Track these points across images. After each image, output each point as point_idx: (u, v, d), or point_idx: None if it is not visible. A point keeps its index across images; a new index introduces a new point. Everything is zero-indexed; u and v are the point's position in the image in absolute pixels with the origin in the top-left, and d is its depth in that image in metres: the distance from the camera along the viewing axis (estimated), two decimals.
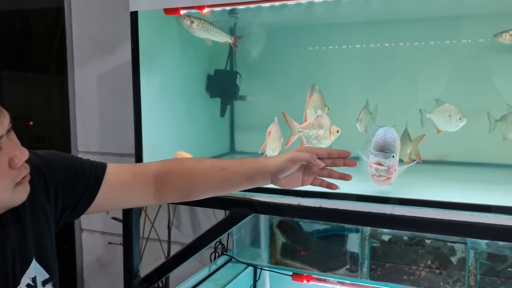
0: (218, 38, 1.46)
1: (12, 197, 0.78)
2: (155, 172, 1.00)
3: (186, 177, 1.01)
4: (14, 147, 0.77)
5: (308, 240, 1.75)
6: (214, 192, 1.05)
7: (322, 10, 1.40)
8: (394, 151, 1.08)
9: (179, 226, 2.19)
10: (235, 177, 1.00)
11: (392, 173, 1.08)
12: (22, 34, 2.74)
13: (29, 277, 0.84)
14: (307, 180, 1.00)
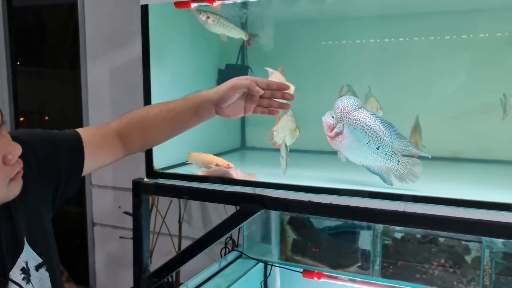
0: (233, 34, 1.45)
1: (6, 192, 0.79)
2: (116, 130, 1.05)
3: (141, 128, 1.07)
4: (7, 143, 0.77)
5: (319, 237, 1.73)
6: (169, 134, 1.10)
7: (335, 3, 1.38)
8: (336, 113, 1.14)
9: (190, 221, 2.19)
10: (183, 115, 1.05)
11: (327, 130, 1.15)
12: (37, 30, 2.77)
13: (23, 260, 0.85)
14: (249, 108, 1.05)
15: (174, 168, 1.42)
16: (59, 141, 0.96)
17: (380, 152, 1.12)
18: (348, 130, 1.13)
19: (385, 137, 1.10)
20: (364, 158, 1.14)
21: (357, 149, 1.14)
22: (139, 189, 1.33)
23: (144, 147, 1.12)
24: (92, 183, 2.43)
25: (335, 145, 1.18)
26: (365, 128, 1.11)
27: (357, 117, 1.12)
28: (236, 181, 1.24)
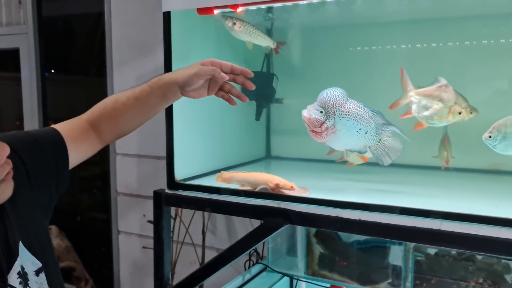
0: (260, 42, 1.41)
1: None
2: (89, 122, 1.06)
3: (112, 118, 1.07)
4: None
5: (347, 251, 1.66)
6: (139, 120, 1.10)
7: (364, 8, 1.31)
8: (324, 107, 1.09)
9: (214, 231, 2.15)
10: (150, 100, 1.05)
11: (315, 127, 1.10)
12: (65, 38, 2.80)
13: (19, 265, 0.84)
14: (212, 91, 1.06)
15: (196, 179, 1.38)
16: (41, 140, 0.95)
17: (367, 135, 1.12)
18: (340, 122, 1.10)
19: (372, 121, 1.12)
20: (350, 143, 1.13)
21: (346, 138, 1.12)
22: (160, 200, 1.29)
23: (118, 135, 1.11)
24: (117, 191, 2.43)
25: (319, 139, 1.13)
26: (357, 117, 1.10)
27: (349, 109, 1.09)
28: (259, 193, 1.19)
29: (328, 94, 1.10)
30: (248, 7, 1.19)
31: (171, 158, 1.29)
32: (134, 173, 2.36)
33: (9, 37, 2.74)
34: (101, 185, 2.66)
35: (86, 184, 2.83)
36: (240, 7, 1.18)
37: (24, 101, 2.74)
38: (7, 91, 3.03)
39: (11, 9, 2.77)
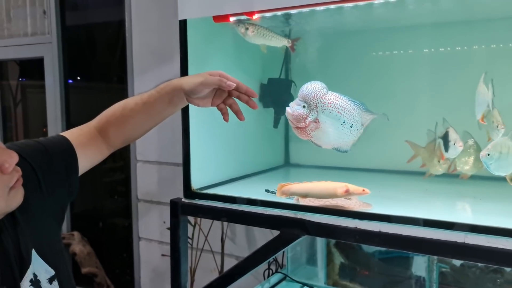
0: (274, 43, 1.39)
1: (8, 202, 0.79)
2: (97, 129, 1.07)
3: (120, 124, 1.08)
4: (2, 152, 0.77)
5: (368, 261, 1.62)
6: (147, 126, 1.11)
7: (384, 12, 1.28)
8: (306, 101, 1.08)
9: (233, 238, 2.13)
10: (158, 106, 1.06)
11: (299, 122, 1.08)
12: (88, 46, 2.85)
13: (32, 272, 0.85)
14: (215, 102, 1.06)
15: (213, 187, 1.37)
16: (51, 148, 0.96)
17: (353, 129, 1.10)
18: (323, 115, 1.08)
19: (356, 114, 1.10)
20: (337, 139, 1.11)
21: (332, 132, 1.10)
22: (176, 209, 1.28)
23: (126, 141, 1.12)
24: (138, 198, 2.44)
25: (305, 136, 1.12)
26: (340, 109, 1.08)
27: (330, 100, 1.08)
28: (276, 203, 1.17)
29: (308, 87, 1.09)
30: (265, 14, 1.17)
31: (187, 167, 1.28)
32: (154, 179, 2.37)
33: (34, 46, 2.80)
34: (123, 191, 2.69)
35: (108, 190, 2.86)
36: (256, 14, 1.16)
37: (48, 108, 2.79)
38: (33, 98, 3.10)
39: (36, 19, 2.83)
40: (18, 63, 3.11)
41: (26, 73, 3.14)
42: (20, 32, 2.91)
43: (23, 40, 2.87)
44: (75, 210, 2.82)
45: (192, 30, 1.28)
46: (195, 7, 1.22)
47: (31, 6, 2.83)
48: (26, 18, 2.86)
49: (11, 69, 3.13)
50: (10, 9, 2.93)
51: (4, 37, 2.97)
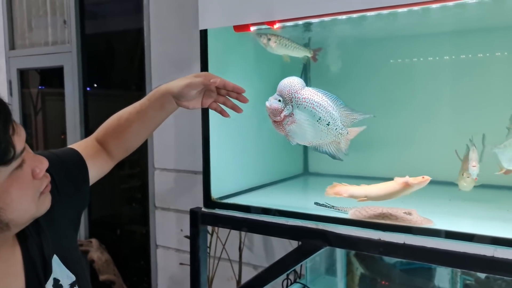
0: (296, 53, 1.39)
1: (38, 206, 0.81)
2: (98, 141, 1.11)
3: (118, 135, 1.11)
4: (34, 158, 0.80)
5: (389, 272, 1.59)
6: (144, 134, 1.14)
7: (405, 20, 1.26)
8: (282, 95, 1.09)
9: (251, 247, 2.12)
10: (151, 113, 1.08)
11: (275, 116, 1.10)
12: (107, 55, 2.88)
13: (53, 277, 0.87)
14: (206, 103, 1.08)
15: (233, 197, 1.36)
16: (64, 158, 0.99)
17: (330, 127, 1.09)
18: (298, 110, 1.08)
19: (334, 112, 1.08)
20: (315, 136, 1.10)
21: (308, 129, 1.09)
22: (196, 219, 1.28)
23: (127, 151, 1.14)
24: (155, 205, 2.45)
25: (282, 130, 1.12)
26: (315, 105, 1.07)
27: (305, 95, 1.08)
28: (297, 214, 1.15)
29: (284, 82, 1.10)
30: (285, 23, 1.17)
31: (207, 177, 1.28)
32: (171, 187, 2.38)
33: (54, 55, 2.84)
34: (140, 198, 2.70)
35: (126, 197, 2.87)
36: (277, 23, 1.16)
37: (67, 115, 2.83)
38: (53, 106, 3.14)
39: (57, 29, 2.87)
40: (39, 72, 3.16)
41: (46, 81, 3.19)
42: (41, 41, 2.96)
43: (43, 50, 2.91)
44: (93, 217, 2.84)
45: (212, 40, 1.28)
46: (215, 17, 1.23)
47: (52, 15, 2.88)
48: (47, 28, 2.91)
49: (31, 77, 3.19)
50: (31, 18, 2.99)
51: (25, 46, 3.02)
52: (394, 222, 1.05)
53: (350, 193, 1.11)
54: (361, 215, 1.10)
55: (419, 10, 1.05)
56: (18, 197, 0.77)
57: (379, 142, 1.60)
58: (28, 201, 0.79)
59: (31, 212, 0.80)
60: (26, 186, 0.78)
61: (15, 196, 0.76)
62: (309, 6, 1.08)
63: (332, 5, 1.05)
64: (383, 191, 1.07)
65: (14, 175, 0.76)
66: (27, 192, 0.78)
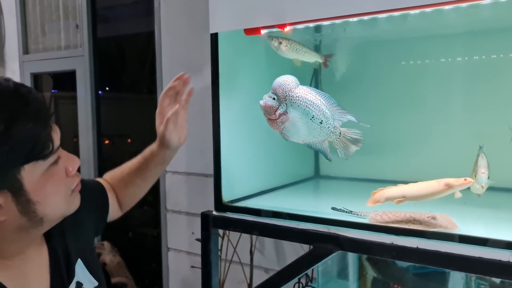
0: (307, 58, 1.39)
1: (68, 204, 0.85)
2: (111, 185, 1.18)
3: (122, 189, 1.17)
4: (67, 156, 0.84)
5: (402, 276, 1.58)
6: (147, 185, 1.21)
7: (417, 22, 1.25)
8: (276, 94, 1.11)
9: (262, 250, 2.11)
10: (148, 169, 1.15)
11: (269, 114, 1.11)
12: (118, 58, 2.90)
13: (75, 281, 0.90)
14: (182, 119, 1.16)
15: (244, 200, 1.36)
16: (89, 186, 1.05)
17: (323, 126, 1.10)
18: (292, 108, 1.10)
19: (327, 110, 1.10)
20: (308, 135, 1.12)
21: (301, 127, 1.11)
22: (207, 222, 1.28)
23: (132, 200, 1.21)
24: (166, 208, 2.46)
25: (276, 128, 1.14)
26: (308, 103, 1.09)
27: (299, 94, 1.09)
28: (308, 217, 1.14)
29: (278, 81, 1.11)
30: (296, 26, 1.16)
31: (218, 180, 1.28)
32: (183, 190, 2.38)
33: (67, 59, 2.87)
34: (151, 201, 2.71)
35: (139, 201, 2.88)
36: (287, 26, 1.15)
37: (79, 118, 2.85)
38: (65, 109, 3.17)
39: (69, 33, 2.90)
40: (52, 76, 3.20)
41: (59, 85, 3.22)
42: (54, 46, 2.99)
43: (56, 54, 2.95)
44: None
45: (223, 43, 1.28)
46: (226, 20, 1.23)
47: (65, 20, 2.91)
48: (60, 32, 2.94)
49: (45, 81, 3.22)
50: (44, 23, 3.02)
51: (39, 50, 3.06)
52: (418, 227, 1.02)
53: (386, 197, 1.07)
54: (382, 219, 1.08)
55: (431, 12, 1.03)
56: (53, 193, 0.80)
57: (390, 144, 1.59)
58: (61, 197, 0.82)
59: (63, 209, 0.83)
60: (60, 182, 0.81)
61: (50, 191, 0.79)
62: (319, 9, 1.07)
63: (342, 8, 1.05)
64: (422, 191, 1.04)
65: (49, 171, 0.78)
66: (60, 188, 0.81)
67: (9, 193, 0.74)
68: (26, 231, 0.80)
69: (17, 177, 0.74)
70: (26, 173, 0.75)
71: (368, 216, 1.11)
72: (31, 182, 0.76)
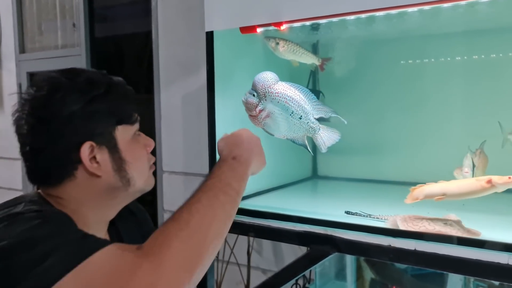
0: (304, 60, 1.39)
1: (148, 177, 0.91)
2: None
3: None
4: (145, 136, 0.92)
5: (400, 277, 1.56)
6: None
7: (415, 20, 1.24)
8: (256, 90, 1.12)
9: (260, 251, 2.10)
10: None
11: (250, 110, 1.12)
12: (116, 58, 2.89)
13: None
14: None
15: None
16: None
17: (303, 121, 1.12)
18: (272, 104, 1.10)
19: (306, 106, 1.11)
20: (289, 130, 1.14)
21: (282, 122, 1.12)
22: None
23: None
24: (164, 208, 2.44)
25: (258, 124, 1.15)
26: (287, 99, 1.10)
27: (278, 90, 1.10)
28: (305, 219, 1.13)
29: (258, 77, 1.12)
30: (292, 24, 1.15)
31: None
32: (180, 190, 2.37)
33: (64, 59, 2.85)
34: (149, 200, 2.69)
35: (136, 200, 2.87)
36: (283, 24, 1.14)
37: None
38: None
39: (66, 32, 2.89)
40: None
41: None
42: (50, 45, 2.97)
43: (53, 53, 2.93)
44: None
45: (218, 42, 1.26)
46: (222, 18, 1.21)
47: (62, 19, 2.89)
48: (57, 31, 2.92)
49: None
50: (41, 22, 3.01)
51: (35, 49, 3.04)
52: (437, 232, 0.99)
53: (425, 194, 1.04)
54: (402, 225, 1.03)
55: (430, 10, 1.02)
56: (139, 156, 0.88)
57: (388, 145, 1.57)
58: (145, 164, 0.89)
59: (145, 176, 0.89)
60: (143, 151, 0.89)
61: (137, 155, 0.87)
62: (315, 7, 1.06)
63: (339, 6, 1.03)
64: (463, 189, 1.00)
65: (135, 138, 0.88)
66: (144, 156, 0.89)
67: (106, 150, 0.82)
68: (113, 194, 0.86)
69: (113, 135, 0.83)
70: (119, 133, 0.84)
71: (388, 219, 1.07)
72: (123, 142, 0.84)
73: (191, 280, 0.70)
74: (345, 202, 1.21)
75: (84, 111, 0.79)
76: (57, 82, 0.80)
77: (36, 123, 0.79)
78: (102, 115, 0.82)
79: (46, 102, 0.79)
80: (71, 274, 0.63)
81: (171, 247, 0.70)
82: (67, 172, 0.80)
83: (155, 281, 0.65)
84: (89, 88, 0.82)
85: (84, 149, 0.79)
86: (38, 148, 0.79)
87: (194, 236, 0.73)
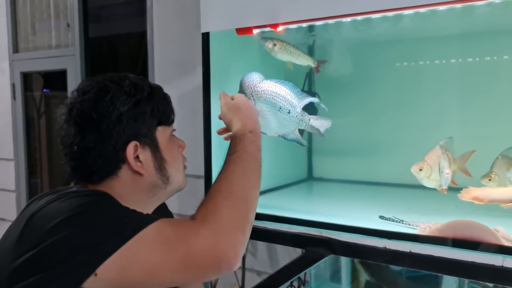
0: (300, 61, 1.40)
1: (183, 176, 0.96)
2: None
3: None
4: (178, 138, 0.98)
5: (395, 279, 1.57)
6: None
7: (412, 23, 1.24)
8: (243, 91, 1.13)
9: (254, 253, 2.09)
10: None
11: None
12: (110, 58, 2.87)
13: None
14: None
15: None
16: None
17: (292, 115, 1.12)
18: (260, 102, 1.12)
19: (293, 99, 1.12)
20: (280, 126, 1.14)
21: (272, 119, 1.13)
22: None
23: None
24: None
25: None
26: (274, 95, 1.11)
27: (264, 87, 1.12)
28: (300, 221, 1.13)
29: (243, 78, 1.14)
30: (288, 26, 1.15)
31: (209, 182, 1.27)
32: None
33: (58, 59, 2.83)
34: None
35: None
36: (280, 26, 1.14)
37: None
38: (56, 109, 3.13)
39: (60, 32, 2.87)
40: (42, 75, 3.16)
41: (50, 84, 3.18)
42: (44, 45, 2.95)
43: (47, 53, 2.91)
44: None
45: (214, 43, 1.26)
46: (218, 19, 1.21)
47: (56, 19, 2.88)
48: (51, 31, 2.90)
49: (35, 81, 3.18)
50: (35, 22, 2.99)
51: (29, 49, 3.02)
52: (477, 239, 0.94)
53: (491, 198, 1.01)
54: (437, 232, 0.99)
55: (425, 12, 1.02)
56: (176, 156, 0.93)
57: (384, 147, 1.57)
58: (181, 164, 0.95)
59: (182, 175, 0.95)
60: (179, 151, 0.95)
61: (174, 154, 0.92)
62: (312, 9, 1.06)
63: (335, 8, 1.03)
64: None
65: (172, 139, 0.93)
66: (179, 156, 0.95)
67: (149, 149, 0.87)
68: (153, 191, 0.90)
69: (155, 135, 0.89)
70: (159, 134, 0.89)
71: (419, 226, 1.03)
72: (162, 142, 0.90)
73: (244, 236, 0.82)
74: (340, 204, 1.20)
75: (131, 112, 0.85)
76: (105, 85, 0.85)
77: (85, 124, 0.83)
78: (146, 116, 0.87)
79: (95, 104, 0.83)
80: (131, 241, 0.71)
81: (222, 213, 0.81)
82: (111, 169, 0.85)
83: (216, 243, 0.76)
84: (135, 91, 0.86)
85: (129, 149, 0.85)
86: (87, 147, 0.83)
87: (238, 201, 0.85)
